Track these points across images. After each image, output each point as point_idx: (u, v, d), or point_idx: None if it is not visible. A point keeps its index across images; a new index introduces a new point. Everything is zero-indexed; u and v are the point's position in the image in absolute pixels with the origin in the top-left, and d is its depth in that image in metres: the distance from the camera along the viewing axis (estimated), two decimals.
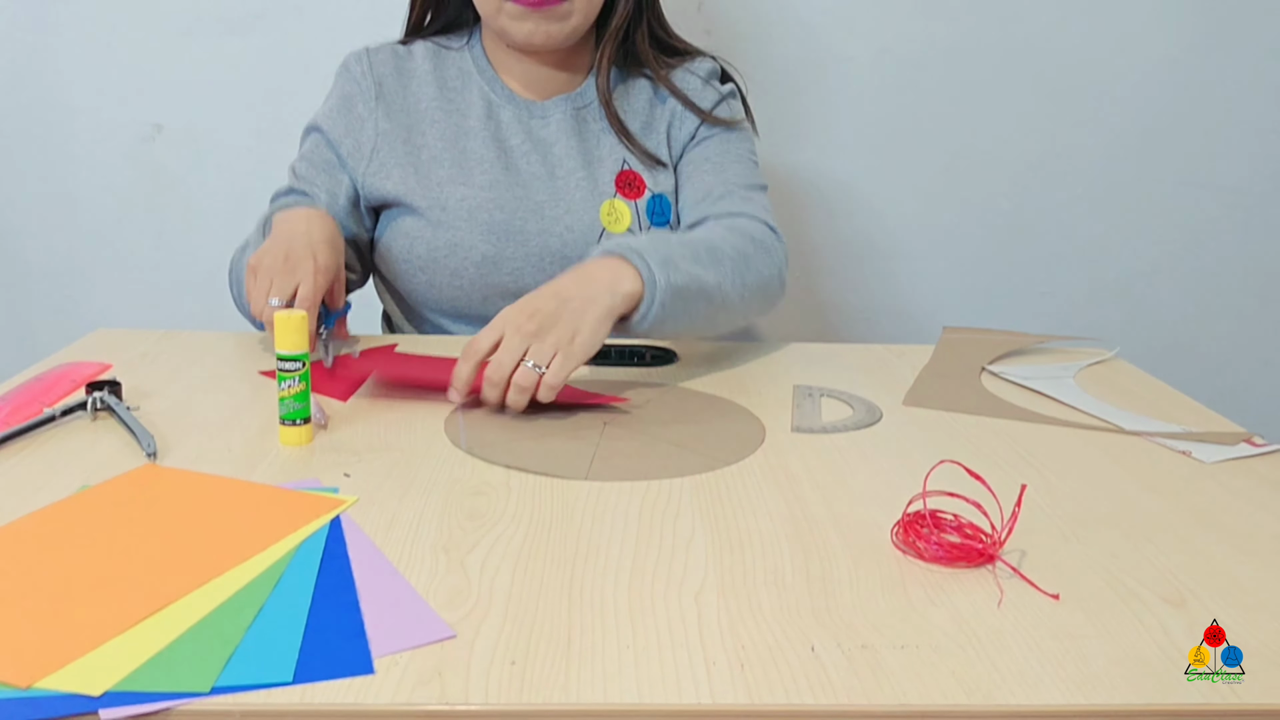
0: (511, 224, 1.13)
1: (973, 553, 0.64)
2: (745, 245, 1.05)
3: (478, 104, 1.18)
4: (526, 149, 1.17)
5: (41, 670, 0.50)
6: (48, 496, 0.69)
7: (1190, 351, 1.72)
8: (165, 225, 1.61)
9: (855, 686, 0.51)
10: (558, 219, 1.15)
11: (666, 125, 1.21)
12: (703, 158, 1.20)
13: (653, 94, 1.22)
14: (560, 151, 1.17)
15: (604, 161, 1.18)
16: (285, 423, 0.79)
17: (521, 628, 0.55)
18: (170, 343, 1.06)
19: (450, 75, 1.20)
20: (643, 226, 1.17)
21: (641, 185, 1.18)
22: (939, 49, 1.59)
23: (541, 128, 1.18)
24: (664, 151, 1.20)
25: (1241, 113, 1.63)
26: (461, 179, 1.14)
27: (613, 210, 1.16)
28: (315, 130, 1.19)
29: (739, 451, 0.82)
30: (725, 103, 1.23)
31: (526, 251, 1.14)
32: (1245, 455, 0.84)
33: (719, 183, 1.17)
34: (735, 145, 1.21)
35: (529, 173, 1.16)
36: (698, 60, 1.24)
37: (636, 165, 1.19)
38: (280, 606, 0.56)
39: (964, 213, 1.66)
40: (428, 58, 1.20)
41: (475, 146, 1.16)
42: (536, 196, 1.15)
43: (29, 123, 1.57)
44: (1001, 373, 1.05)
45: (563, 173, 1.17)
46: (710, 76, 1.23)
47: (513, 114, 1.18)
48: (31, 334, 1.65)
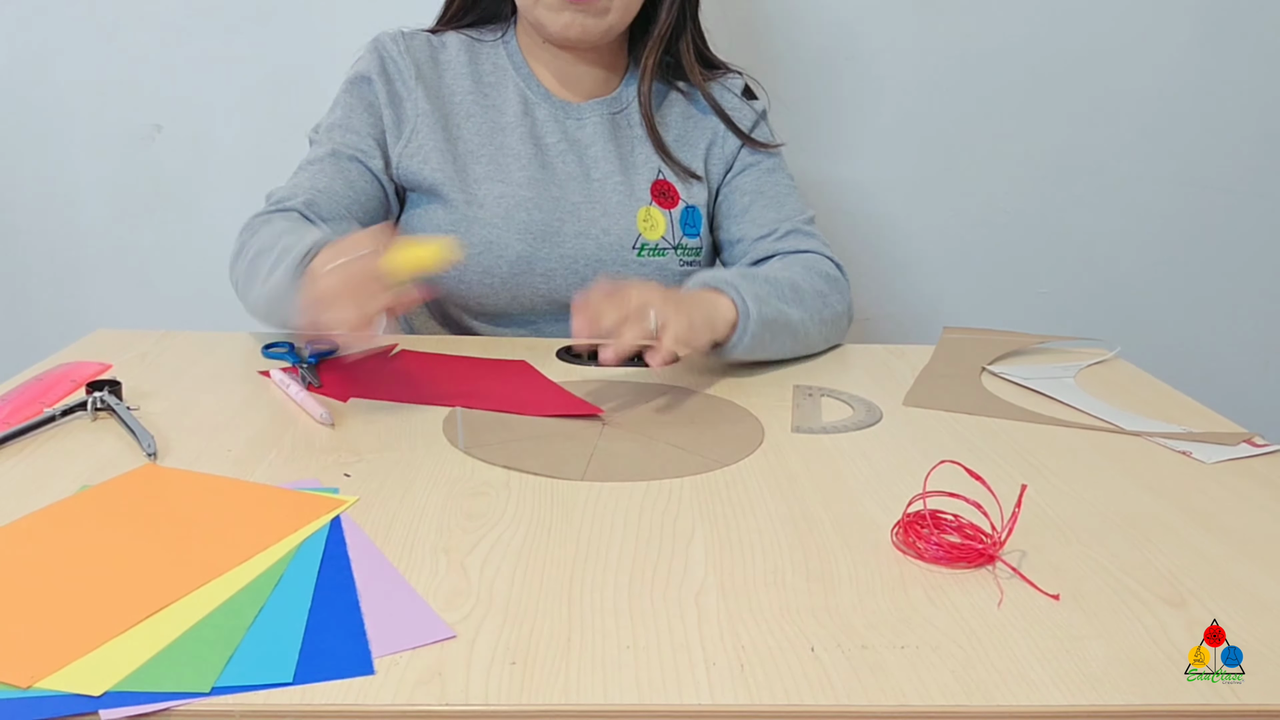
0: (549, 224, 1.13)
1: (973, 553, 0.64)
2: (821, 284, 1.10)
3: (513, 100, 1.17)
4: (563, 148, 1.17)
5: (41, 670, 0.50)
6: (48, 496, 0.69)
7: (1190, 351, 1.72)
8: (165, 225, 1.61)
9: (855, 686, 0.51)
10: (594, 221, 1.14)
11: (707, 144, 1.21)
12: (755, 189, 1.21)
13: (687, 106, 1.22)
14: (596, 154, 1.17)
15: (639, 169, 1.18)
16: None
17: (521, 628, 0.55)
18: (170, 343, 1.06)
19: (485, 70, 1.19)
20: (676, 237, 1.17)
21: (675, 196, 1.18)
22: (939, 49, 1.59)
23: (577, 129, 1.18)
24: (699, 166, 1.21)
25: (1242, 113, 1.63)
26: (499, 176, 1.13)
27: (649, 217, 1.16)
28: (363, 83, 1.13)
29: (738, 452, 0.82)
30: (761, 124, 1.24)
31: (561, 253, 1.13)
32: (1245, 455, 0.84)
33: (778, 218, 1.19)
34: (780, 174, 1.23)
35: (565, 173, 1.16)
36: (730, 77, 1.24)
37: (670, 176, 1.19)
38: (280, 606, 0.56)
39: (964, 213, 1.66)
40: (461, 50, 1.18)
41: (512, 143, 1.15)
42: (573, 198, 1.15)
43: (29, 123, 1.57)
44: (1001, 373, 1.05)
45: (599, 175, 1.16)
46: (743, 94, 1.24)
47: (548, 112, 1.18)
48: (31, 334, 1.65)
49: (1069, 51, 1.60)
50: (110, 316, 1.62)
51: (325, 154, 1.11)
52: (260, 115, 1.56)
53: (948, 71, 1.60)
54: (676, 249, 1.17)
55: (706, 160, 1.21)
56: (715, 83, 1.23)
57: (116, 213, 1.61)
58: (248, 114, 1.56)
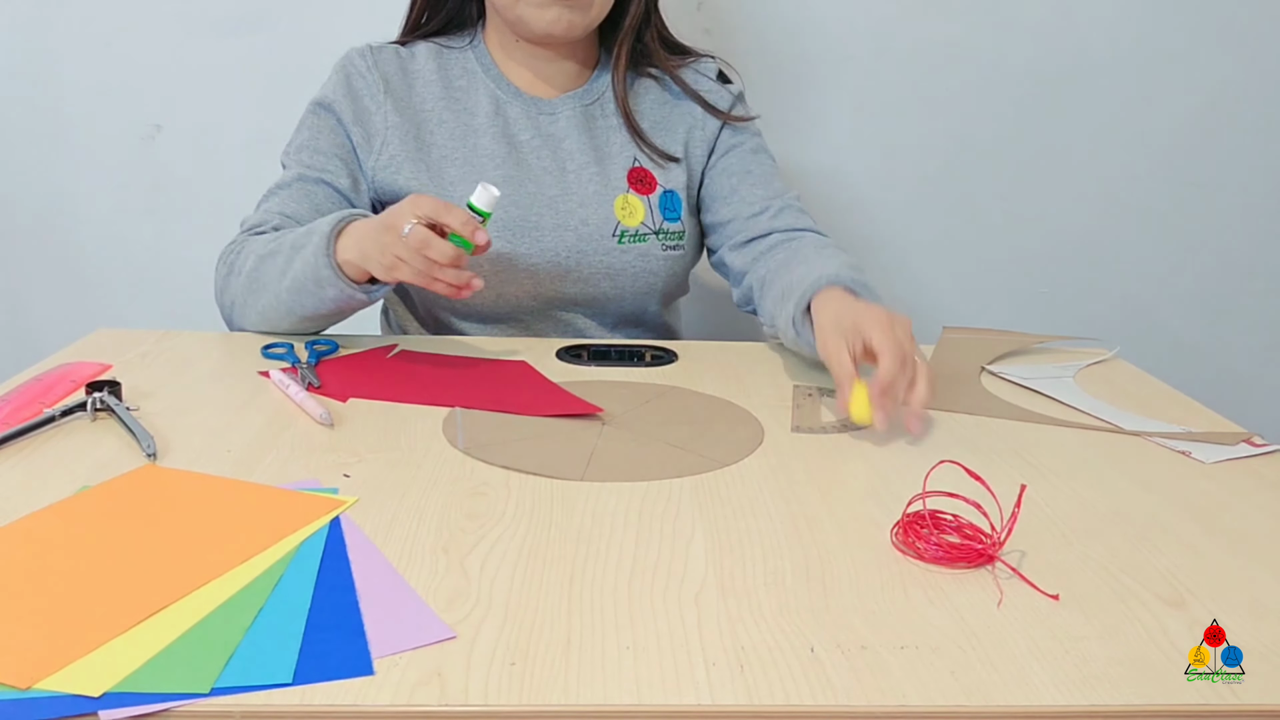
0: (526, 219, 1.13)
1: (972, 553, 0.64)
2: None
3: (484, 102, 1.18)
4: (536, 144, 1.17)
5: (41, 671, 0.50)
6: (48, 496, 0.69)
7: (1190, 351, 1.72)
8: (165, 225, 1.61)
9: (855, 687, 0.51)
10: (571, 213, 1.15)
11: (686, 129, 1.22)
12: (742, 170, 1.22)
13: (662, 93, 1.23)
14: (570, 147, 1.18)
15: (615, 158, 1.19)
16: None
17: (521, 628, 0.55)
18: (170, 343, 1.06)
19: (455, 75, 1.19)
20: (656, 222, 1.18)
21: (653, 181, 1.19)
22: (939, 48, 1.59)
23: (550, 124, 1.18)
24: (679, 150, 1.22)
25: (1242, 113, 1.63)
26: (473, 177, 1.13)
27: (626, 204, 1.17)
28: (324, 109, 1.15)
29: (738, 452, 0.82)
30: (739, 105, 1.25)
31: (542, 247, 1.14)
32: (1245, 455, 0.84)
33: (768, 195, 1.20)
34: (764, 154, 1.25)
35: (539, 168, 1.16)
36: (703, 61, 1.26)
37: (646, 162, 1.20)
38: (280, 607, 0.56)
39: (964, 213, 1.66)
40: (430, 58, 1.19)
41: (485, 144, 1.16)
42: (549, 192, 1.15)
43: (29, 123, 1.57)
44: (1001, 373, 1.05)
45: (574, 167, 1.17)
46: (717, 77, 1.25)
47: (521, 110, 1.18)
48: (31, 334, 1.65)
49: (1069, 51, 1.60)
50: (110, 316, 1.62)
51: (293, 178, 1.13)
52: (260, 115, 1.56)
53: (947, 71, 1.60)
54: (658, 234, 1.18)
55: (687, 145, 1.22)
56: (688, 68, 1.24)
57: (117, 213, 1.61)
58: (247, 114, 1.56)
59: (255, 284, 1.05)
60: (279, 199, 1.13)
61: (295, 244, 1.01)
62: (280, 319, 1.05)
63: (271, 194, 1.14)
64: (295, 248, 1.01)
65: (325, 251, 0.97)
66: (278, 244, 1.04)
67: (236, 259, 1.08)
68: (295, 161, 1.14)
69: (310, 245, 0.99)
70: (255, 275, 1.05)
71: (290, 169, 1.15)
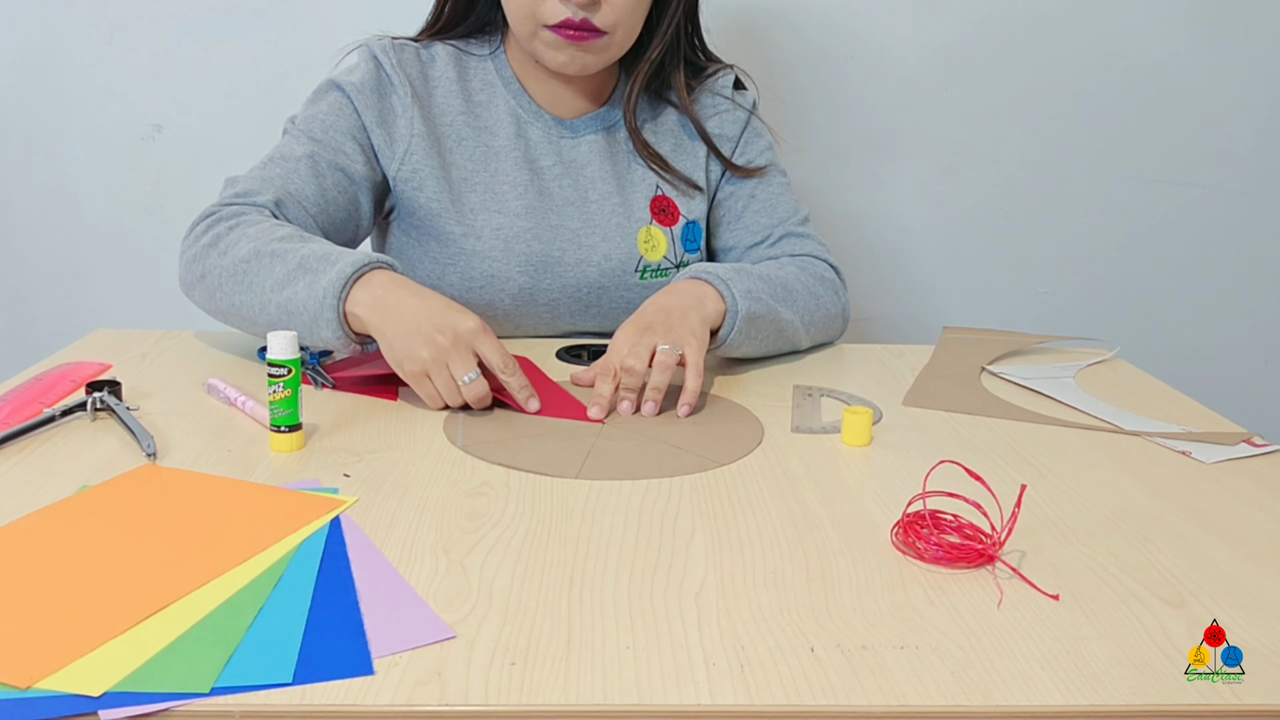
0: (549, 255, 1.10)
1: (973, 553, 0.64)
2: (816, 286, 1.11)
3: (505, 120, 1.13)
4: (558, 171, 1.14)
5: (41, 670, 0.50)
6: (48, 496, 0.69)
7: (1190, 351, 1.72)
8: (165, 225, 1.61)
9: (855, 687, 0.51)
10: (594, 248, 1.12)
11: (706, 153, 1.19)
12: (749, 194, 1.20)
13: (682, 115, 1.20)
14: (592, 174, 1.15)
15: (637, 186, 1.16)
16: (275, 429, 0.78)
17: (521, 628, 0.55)
18: (170, 343, 1.06)
19: (475, 87, 1.14)
20: (678, 255, 1.16)
21: (675, 212, 1.17)
22: (939, 49, 1.59)
23: (572, 148, 1.15)
24: (700, 175, 1.19)
25: (1241, 113, 1.63)
26: (495, 205, 1.10)
27: (650, 238, 1.14)
28: (344, 94, 1.08)
29: (738, 452, 0.82)
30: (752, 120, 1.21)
31: (564, 283, 1.11)
32: (1245, 455, 0.84)
33: (771, 224, 1.19)
34: (772, 173, 1.22)
35: (562, 198, 1.13)
36: (721, 75, 1.22)
37: (669, 190, 1.17)
38: (280, 607, 0.56)
39: (964, 213, 1.66)
40: (450, 64, 1.13)
41: (507, 169, 1.12)
42: (571, 224, 1.12)
43: (29, 123, 1.57)
44: (1001, 373, 1.05)
45: (596, 197, 1.14)
46: (734, 86, 1.22)
47: (542, 132, 1.14)
48: (31, 334, 1.65)
49: (1069, 51, 1.60)
50: (110, 316, 1.62)
51: (303, 155, 1.05)
52: (260, 115, 1.55)
53: (947, 71, 1.60)
54: (679, 267, 1.16)
55: (707, 167, 1.20)
56: (704, 92, 1.20)
57: (117, 213, 1.61)
58: (247, 114, 1.56)
59: (242, 277, 0.94)
60: (283, 170, 1.04)
61: (304, 264, 0.91)
62: (255, 326, 0.95)
63: (274, 162, 1.05)
64: (303, 268, 0.91)
65: (337, 294, 0.88)
66: (283, 247, 0.93)
67: (228, 233, 0.97)
68: (306, 135, 1.07)
69: (323, 278, 0.89)
70: (246, 269, 0.94)
71: (300, 142, 1.06)
